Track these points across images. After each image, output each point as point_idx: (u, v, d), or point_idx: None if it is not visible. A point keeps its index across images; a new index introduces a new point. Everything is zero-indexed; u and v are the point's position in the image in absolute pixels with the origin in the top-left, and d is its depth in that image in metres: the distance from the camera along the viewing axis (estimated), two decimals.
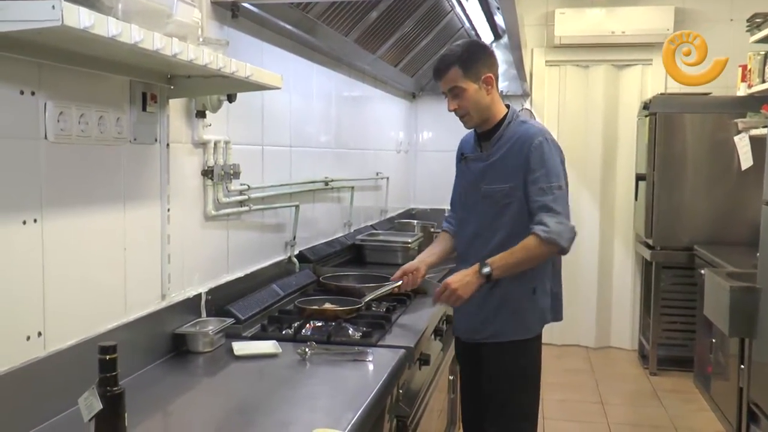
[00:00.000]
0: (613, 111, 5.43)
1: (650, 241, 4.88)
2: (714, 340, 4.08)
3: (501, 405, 2.34)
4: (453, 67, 2.25)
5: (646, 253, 4.98)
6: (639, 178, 5.17)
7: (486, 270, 2.19)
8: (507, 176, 2.27)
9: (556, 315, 2.40)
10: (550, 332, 5.64)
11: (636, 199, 5.28)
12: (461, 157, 2.46)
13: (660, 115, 4.80)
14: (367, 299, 2.45)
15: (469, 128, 2.39)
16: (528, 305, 2.31)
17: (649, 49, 5.29)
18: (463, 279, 2.21)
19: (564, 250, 2.20)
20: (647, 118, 4.90)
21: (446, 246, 2.55)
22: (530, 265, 2.23)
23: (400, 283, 2.49)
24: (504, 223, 2.28)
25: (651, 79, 5.34)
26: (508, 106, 2.38)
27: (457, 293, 2.20)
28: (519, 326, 2.31)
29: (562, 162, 2.30)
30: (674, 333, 4.88)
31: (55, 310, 1.52)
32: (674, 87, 5.03)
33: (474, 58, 2.26)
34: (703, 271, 4.02)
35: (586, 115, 5.47)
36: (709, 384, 4.22)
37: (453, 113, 2.34)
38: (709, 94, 4.91)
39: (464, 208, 2.44)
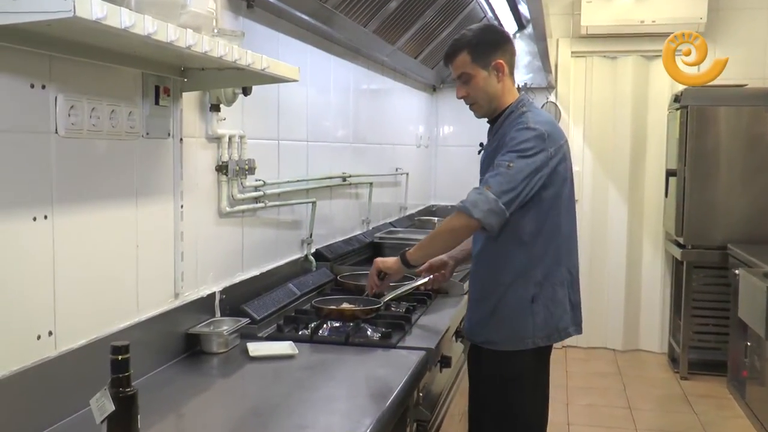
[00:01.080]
0: (642, 104, 5.37)
1: (681, 240, 4.84)
2: (749, 343, 4.03)
3: (497, 414, 2.25)
4: (462, 52, 2.21)
5: (677, 252, 4.93)
6: (669, 173, 5.12)
7: (402, 255, 2.24)
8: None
9: (578, 327, 2.29)
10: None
11: (666, 195, 5.22)
12: (482, 148, 2.47)
13: (692, 108, 4.74)
14: (387, 299, 2.44)
15: (478, 117, 2.33)
16: (523, 315, 2.18)
17: None
18: (389, 266, 2.30)
19: (480, 223, 2.06)
20: (678, 112, 4.85)
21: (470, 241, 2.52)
22: (448, 241, 2.20)
23: (427, 279, 2.47)
24: None
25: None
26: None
27: (378, 265, 2.30)
28: (513, 336, 2.19)
29: (554, 153, 2.13)
30: (706, 335, 4.84)
31: (66, 308, 1.53)
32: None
33: (484, 43, 2.21)
34: (737, 271, 3.97)
35: (614, 109, 5.42)
36: (744, 389, 4.16)
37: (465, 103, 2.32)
38: (745, 85, 4.85)
39: None
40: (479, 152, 2.45)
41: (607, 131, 5.46)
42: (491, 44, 2.23)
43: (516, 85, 2.35)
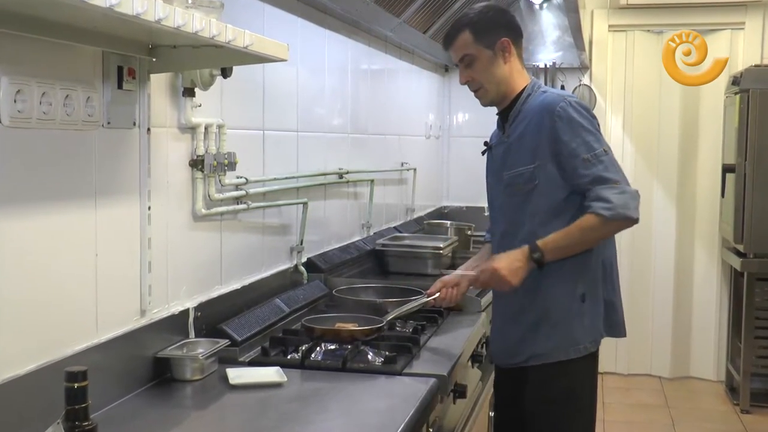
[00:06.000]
0: (693, 87, 5.37)
1: (741, 248, 4.83)
2: None
3: None
4: (463, 31, 2.32)
5: (736, 262, 4.92)
6: (726, 169, 5.11)
7: (537, 255, 2.21)
8: (529, 156, 2.28)
9: (612, 329, 2.37)
10: (613, 359, 5.65)
11: (723, 195, 5.22)
12: (487, 148, 2.50)
13: (754, 92, 4.74)
14: (390, 317, 2.44)
15: (485, 105, 2.43)
16: (576, 315, 2.28)
17: (741, 9, 5.22)
18: (512, 264, 2.22)
19: (635, 221, 2.21)
20: (737, 96, 4.84)
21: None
22: (590, 246, 2.27)
23: (437, 295, 2.47)
24: (529, 214, 2.28)
25: (743, 48, 5.27)
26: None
27: (503, 277, 2.21)
28: (565, 342, 2.29)
29: (597, 124, 2.30)
30: None
31: (11, 328, 1.53)
32: None
33: (488, 20, 2.32)
34: None
35: (660, 93, 5.42)
36: None
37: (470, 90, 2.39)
38: None
39: (492, 205, 2.50)
40: (484, 152, 2.52)
41: (651, 120, 5.46)
42: (495, 21, 2.34)
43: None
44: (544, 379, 2.31)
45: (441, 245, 3.56)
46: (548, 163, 2.25)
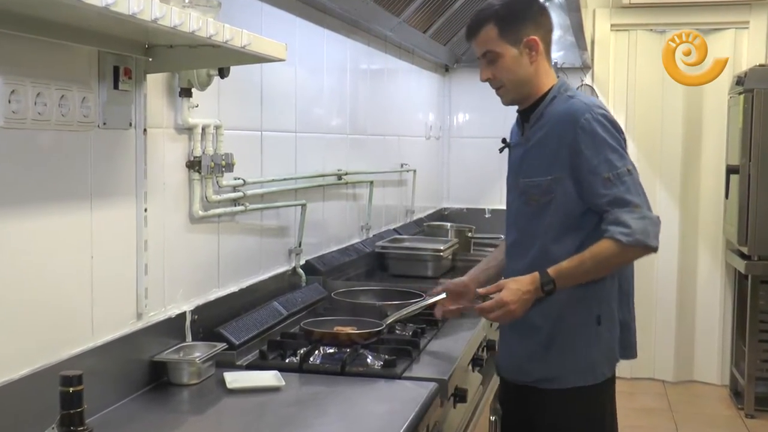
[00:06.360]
0: (697, 87, 5.37)
1: (745, 250, 4.83)
2: None
3: None
4: (487, 24, 2.17)
5: (740, 264, 4.92)
6: (730, 171, 5.11)
7: (548, 288, 2.11)
8: (546, 166, 2.17)
9: (625, 350, 2.30)
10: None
11: (727, 197, 5.22)
12: (504, 146, 2.40)
13: (758, 92, 4.74)
14: (390, 320, 2.44)
15: (506, 104, 2.31)
16: (592, 339, 2.18)
17: (746, 8, 5.22)
18: (521, 296, 2.11)
19: (654, 249, 2.10)
20: (741, 96, 4.84)
21: (502, 260, 2.43)
22: (605, 274, 2.17)
23: (439, 298, 2.40)
24: (543, 228, 2.18)
25: (747, 47, 5.27)
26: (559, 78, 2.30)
27: (511, 311, 2.11)
28: (580, 367, 2.18)
29: (623, 141, 2.18)
30: None
31: (5, 331, 1.53)
32: None
33: (515, 14, 2.19)
34: None
35: (663, 93, 5.42)
36: None
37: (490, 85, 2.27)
38: None
39: (508, 209, 2.38)
40: (501, 150, 2.41)
41: (654, 120, 5.46)
42: (523, 16, 2.19)
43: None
44: (559, 405, 2.20)
45: (441, 247, 3.56)
46: (566, 177, 2.14)
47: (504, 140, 2.39)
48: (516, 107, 2.32)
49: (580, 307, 2.17)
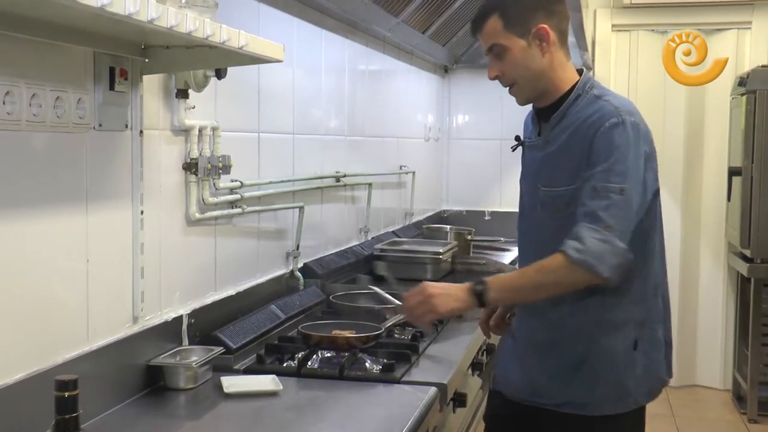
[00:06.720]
0: (698, 88, 5.37)
1: (747, 252, 4.83)
2: None
3: None
4: (492, 16, 1.99)
5: (743, 268, 4.92)
6: (733, 172, 5.11)
7: (479, 287, 1.93)
8: (570, 175, 1.96)
9: (670, 371, 2.16)
10: None
11: (729, 199, 5.22)
12: (517, 144, 2.18)
13: (761, 93, 4.74)
14: (389, 324, 2.45)
15: (521, 104, 2.10)
16: (625, 365, 1.99)
17: (748, 8, 5.23)
18: (448, 288, 1.98)
19: (605, 280, 1.86)
20: (744, 98, 4.85)
21: None
22: (549, 294, 1.96)
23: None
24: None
25: (749, 48, 5.28)
26: (581, 72, 2.08)
27: (431, 301, 1.96)
28: (610, 394, 1.99)
29: (648, 156, 1.98)
30: None
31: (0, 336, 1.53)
32: None
33: (522, 2, 2.02)
34: None
35: (665, 94, 5.43)
36: None
37: (502, 86, 2.08)
38: None
39: (522, 215, 2.18)
40: (513, 149, 2.19)
41: (656, 121, 5.45)
42: (531, 4, 2.02)
43: None
44: None
45: (440, 250, 3.56)
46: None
47: (517, 137, 2.19)
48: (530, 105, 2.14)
49: (614, 333, 1.99)
